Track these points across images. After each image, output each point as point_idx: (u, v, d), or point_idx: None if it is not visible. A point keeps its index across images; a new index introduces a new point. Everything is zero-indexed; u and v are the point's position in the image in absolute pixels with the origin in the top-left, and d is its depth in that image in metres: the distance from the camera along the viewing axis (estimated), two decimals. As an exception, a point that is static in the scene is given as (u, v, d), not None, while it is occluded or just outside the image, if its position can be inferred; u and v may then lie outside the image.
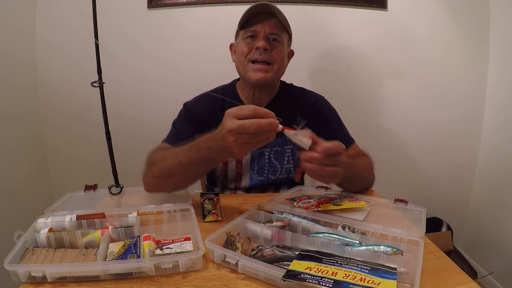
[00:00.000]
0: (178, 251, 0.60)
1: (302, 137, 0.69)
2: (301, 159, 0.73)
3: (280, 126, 0.65)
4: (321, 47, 1.60)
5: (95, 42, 0.93)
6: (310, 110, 1.06)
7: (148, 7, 1.54)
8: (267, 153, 1.04)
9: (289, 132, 0.68)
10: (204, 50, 1.58)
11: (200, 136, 0.75)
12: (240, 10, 0.95)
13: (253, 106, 0.63)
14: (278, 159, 1.05)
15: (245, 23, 0.96)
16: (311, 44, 1.55)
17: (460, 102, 1.69)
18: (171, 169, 0.79)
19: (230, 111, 0.65)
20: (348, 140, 1.07)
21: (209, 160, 0.75)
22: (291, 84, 1.11)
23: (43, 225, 0.67)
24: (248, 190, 1.06)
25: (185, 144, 0.78)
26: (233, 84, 1.08)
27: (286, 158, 1.05)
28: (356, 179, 0.91)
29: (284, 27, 0.95)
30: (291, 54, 1.06)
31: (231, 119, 0.63)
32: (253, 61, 0.94)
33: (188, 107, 1.03)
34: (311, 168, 0.72)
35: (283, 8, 0.95)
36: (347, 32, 1.61)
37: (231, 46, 1.05)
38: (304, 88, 1.12)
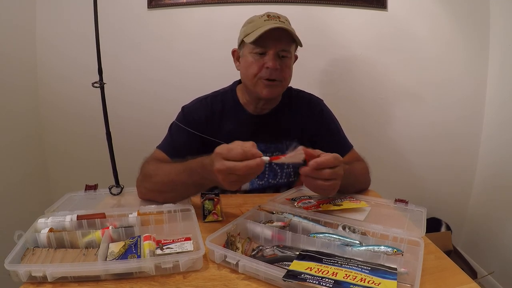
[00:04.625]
0: (178, 251, 0.60)
1: (290, 158, 0.69)
2: (300, 173, 0.74)
3: (267, 159, 0.65)
4: (321, 47, 1.60)
5: (96, 44, 0.93)
6: (309, 115, 1.05)
7: (148, 7, 1.54)
8: None
9: (277, 161, 0.69)
10: (204, 50, 1.58)
11: (193, 158, 0.76)
12: (240, 10, 0.94)
13: (242, 149, 0.63)
14: (278, 163, 1.05)
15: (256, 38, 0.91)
16: (311, 44, 1.54)
17: (460, 102, 1.69)
18: (163, 185, 0.82)
19: (220, 152, 0.64)
20: (345, 146, 1.06)
21: (200, 185, 0.78)
22: (291, 87, 1.09)
23: (44, 225, 0.67)
24: (247, 193, 1.06)
25: (178, 163, 0.81)
26: (233, 87, 1.06)
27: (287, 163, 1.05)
28: (352, 184, 0.91)
29: (293, 39, 0.91)
30: (294, 59, 1.03)
31: (220, 160, 0.63)
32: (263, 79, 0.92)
33: (186, 111, 1.02)
34: (305, 182, 0.74)
35: (283, 9, 0.94)
36: (347, 32, 1.61)
37: (234, 52, 1.02)
38: (304, 91, 1.11)
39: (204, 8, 1.55)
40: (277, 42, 0.90)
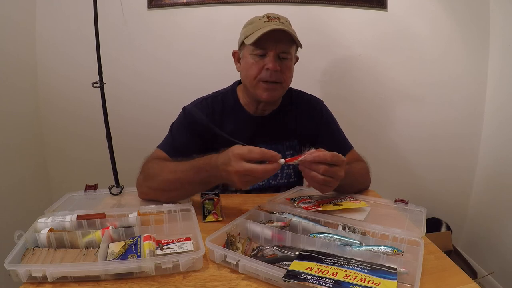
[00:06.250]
0: (178, 251, 0.60)
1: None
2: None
3: (282, 160, 0.69)
4: (321, 47, 1.60)
5: (96, 44, 0.93)
6: (309, 116, 1.06)
7: (148, 7, 1.54)
8: None
9: (291, 163, 0.72)
10: (204, 50, 1.58)
11: (200, 156, 0.78)
12: (240, 10, 0.94)
13: (260, 150, 0.67)
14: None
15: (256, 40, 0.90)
16: (311, 44, 1.54)
17: (460, 102, 1.69)
18: (169, 184, 0.82)
19: (238, 153, 0.67)
20: (346, 147, 1.06)
21: (207, 183, 0.79)
22: (291, 88, 1.09)
23: (44, 225, 0.67)
24: (247, 193, 1.05)
25: (183, 161, 0.81)
26: (234, 88, 1.05)
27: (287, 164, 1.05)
28: (351, 185, 0.91)
29: (293, 41, 0.91)
30: (295, 60, 1.03)
31: (238, 161, 0.66)
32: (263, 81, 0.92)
33: (187, 112, 1.01)
34: (303, 172, 0.75)
35: (283, 9, 0.94)
36: (347, 32, 1.61)
37: (234, 53, 1.02)
38: (303, 92, 1.11)
39: (204, 8, 1.55)
40: (277, 44, 0.89)
